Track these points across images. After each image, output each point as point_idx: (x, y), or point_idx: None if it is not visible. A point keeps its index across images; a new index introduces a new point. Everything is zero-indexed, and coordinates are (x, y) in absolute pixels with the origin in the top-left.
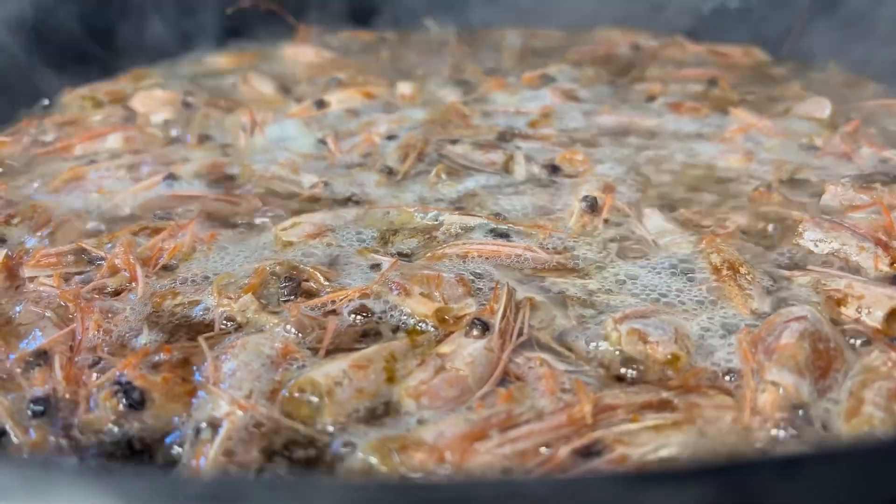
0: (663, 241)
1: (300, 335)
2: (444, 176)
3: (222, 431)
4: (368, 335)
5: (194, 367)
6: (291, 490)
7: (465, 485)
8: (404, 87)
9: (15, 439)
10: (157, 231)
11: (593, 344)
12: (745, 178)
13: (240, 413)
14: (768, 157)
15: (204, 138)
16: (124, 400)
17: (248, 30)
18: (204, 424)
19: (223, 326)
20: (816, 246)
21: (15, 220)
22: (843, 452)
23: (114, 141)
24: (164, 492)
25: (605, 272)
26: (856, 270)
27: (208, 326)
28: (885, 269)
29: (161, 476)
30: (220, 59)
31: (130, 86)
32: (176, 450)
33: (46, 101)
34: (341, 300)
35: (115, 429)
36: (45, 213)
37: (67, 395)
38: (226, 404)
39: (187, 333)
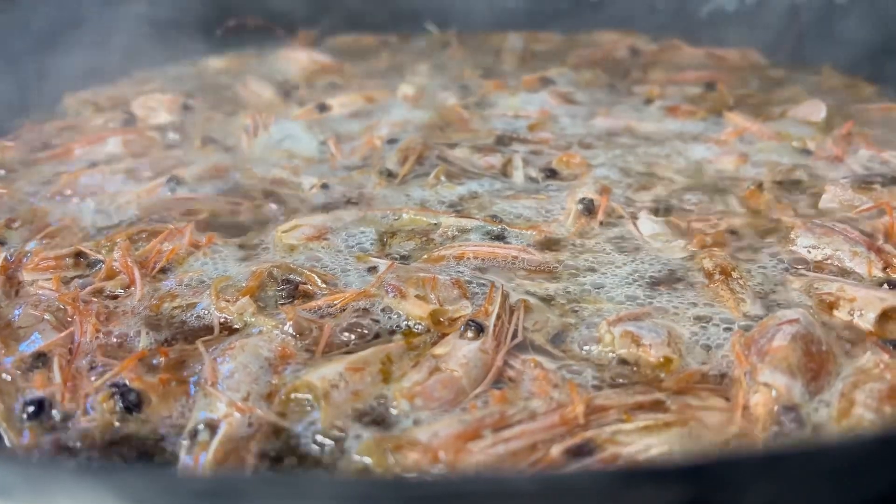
0: (656, 244)
1: (298, 337)
2: (443, 178)
3: (220, 433)
4: (365, 337)
5: (192, 369)
6: (290, 487)
7: (457, 481)
8: (407, 89)
9: (8, 442)
10: (154, 234)
11: (587, 346)
12: (739, 181)
13: (237, 415)
14: (762, 160)
15: (207, 141)
16: (121, 402)
17: (247, 35)
18: (202, 426)
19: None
20: (810, 252)
21: (15, 224)
22: (826, 449)
23: (114, 145)
24: (164, 489)
25: (591, 275)
26: (850, 276)
27: (207, 329)
28: (879, 273)
29: (162, 474)
30: (218, 63)
31: (131, 90)
32: (173, 451)
33: (55, 101)
34: (338, 303)
35: (113, 430)
36: (45, 216)
37: (66, 397)
38: (224, 406)
39: (185, 336)
